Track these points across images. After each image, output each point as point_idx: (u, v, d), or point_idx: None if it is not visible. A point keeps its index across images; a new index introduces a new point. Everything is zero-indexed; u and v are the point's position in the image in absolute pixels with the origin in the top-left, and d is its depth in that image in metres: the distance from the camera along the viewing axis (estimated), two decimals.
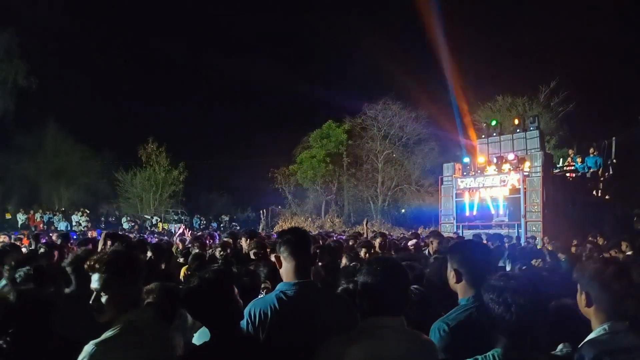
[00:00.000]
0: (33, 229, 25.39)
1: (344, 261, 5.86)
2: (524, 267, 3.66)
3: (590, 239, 12.35)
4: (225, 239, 7.98)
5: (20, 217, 30.73)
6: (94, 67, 43.70)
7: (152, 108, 44.62)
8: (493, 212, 20.65)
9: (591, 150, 22.66)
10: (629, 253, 7.28)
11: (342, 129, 38.69)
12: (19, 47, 36.34)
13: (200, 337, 2.73)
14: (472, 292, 2.70)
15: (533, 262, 6.27)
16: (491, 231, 17.23)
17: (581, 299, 2.43)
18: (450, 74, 34.03)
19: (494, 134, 23.15)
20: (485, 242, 11.56)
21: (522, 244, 13.29)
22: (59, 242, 7.50)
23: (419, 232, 15.42)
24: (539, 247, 12.43)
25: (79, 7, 43.88)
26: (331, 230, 25.12)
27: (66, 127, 38.72)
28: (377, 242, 7.10)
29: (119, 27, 50.17)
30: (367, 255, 6.17)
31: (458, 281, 2.80)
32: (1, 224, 29.61)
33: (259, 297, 3.12)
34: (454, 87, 33.70)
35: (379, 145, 37.79)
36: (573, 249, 10.49)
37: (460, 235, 17.98)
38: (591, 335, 2.36)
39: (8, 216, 31.10)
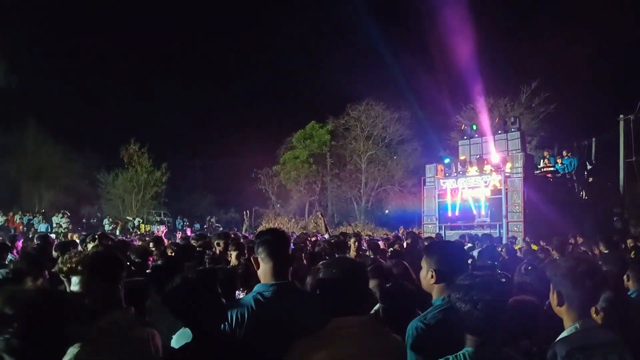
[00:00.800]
0: (12, 231, 24.99)
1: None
2: (529, 268, 3.62)
3: (570, 239, 12.49)
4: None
5: None
6: (75, 66, 43.21)
7: (134, 108, 44.22)
8: (475, 212, 20.79)
9: (564, 152, 22.95)
10: (605, 252, 7.36)
11: (326, 130, 38.74)
12: None
13: (180, 338, 2.71)
14: (448, 292, 2.72)
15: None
16: (473, 232, 17.42)
17: (553, 298, 2.46)
18: (433, 74, 34.28)
19: (476, 135, 23.33)
20: (467, 243, 11.69)
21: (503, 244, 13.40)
22: (36, 244, 7.42)
23: (400, 232, 15.53)
24: (518, 246, 12.54)
25: (59, 5, 43.31)
26: (315, 231, 25.08)
27: (47, 127, 38.16)
28: (351, 242, 7.14)
29: (102, 26, 49.75)
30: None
31: (438, 281, 2.81)
32: None
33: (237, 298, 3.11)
34: (437, 88, 33.94)
35: (362, 145, 37.90)
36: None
37: (442, 236, 18.09)
38: (563, 334, 2.40)
39: None
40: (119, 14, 51.98)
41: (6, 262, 5.60)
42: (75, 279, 2.32)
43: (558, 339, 2.38)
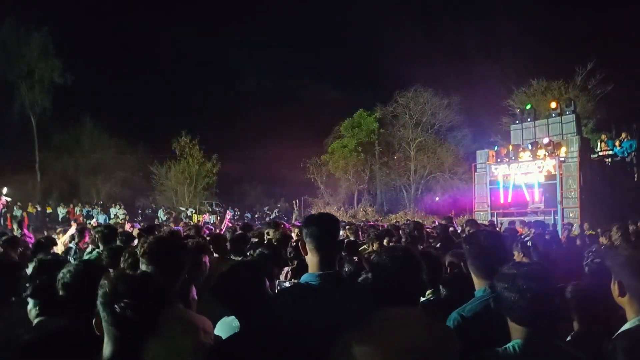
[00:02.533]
0: (73, 222, 26.08)
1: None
2: (597, 260, 3.46)
3: (630, 225, 11.99)
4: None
5: (61, 211, 31.64)
6: (127, 63, 44.41)
7: (185, 101, 45.16)
8: (528, 198, 20.27)
9: (623, 134, 21.95)
10: None
11: (373, 118, 38.48)
12: (54, 45, 37.27)
13: (223, 327, 2.74)
14: (487, 283, 2.66)
15: None
16: (526, 218, 17.00)
17: (614, 288, 2.33)
18: (483, 58, 33.45)
19: (529, 119, 22.67)
20: (520, 229, 11.40)
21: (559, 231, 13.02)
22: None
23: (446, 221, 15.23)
24: (575, 233, 12.17)
25: (112, 4, 44.64)
26: (364, 219, 25.05)
27: (102, 122, 39.57)
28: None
29: (153, 22, 50.85)
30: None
31: (475, 272, 2.76)
32: (43, 217, 30.57)
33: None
34: (487, 72, 33.10)
35: (411, 133, 37.43)
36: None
37: (495, 223, 17.73)
38: (625, 326, 2.26)
39: (49, 210, 32.03)
40: (167, 9, 53.04)
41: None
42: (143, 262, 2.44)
43: (620, 331, 2.25)
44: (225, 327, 2.68)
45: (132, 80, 41.62)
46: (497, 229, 13.91)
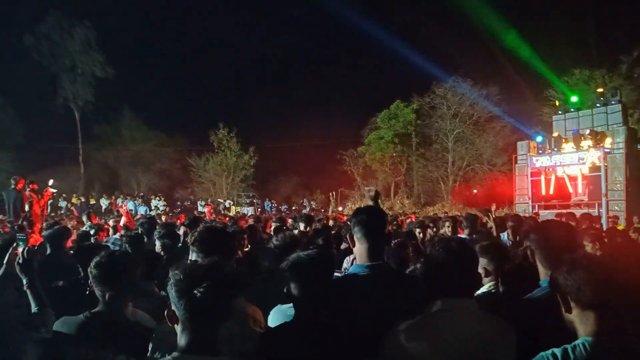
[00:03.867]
0: (115, 213, 26.74)
1: None
2: None
3: None
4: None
5: (104, 202, 32.47)
6: (165, 56, 45.17)
7: (222, 94, 45.66)
8: (571, 191, 19.78)
9: None
10: None
11: (411, 109, 38.10)
12: (96, 39, 38.17)
13: (277, 315, 2.76)
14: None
15: None
16: (568, 211, 16.57)
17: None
18: (524, 47, 32.64)
19: (572, 110, 22.07)
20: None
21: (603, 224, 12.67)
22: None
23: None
24: (620, 227, 11.81)
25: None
26: (401, 212, 24.91)
27: (142, 114, 40.38)
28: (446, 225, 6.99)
29: (192, 16, 51.54)
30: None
31: (540, 261, 2.69)
32: (87, 209, 31.42)
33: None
34: (528, 61, 32.30)
35: (448, 124, 36.91)
36: None
37: (537, 215, 17.36)
38: None
39: (92, 201, 32.91)
40: (207, 3, 53.58)
41: None
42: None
43: None
44: (280, 315, 2.70)
45: (171, 73, 42.41)
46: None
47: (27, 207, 12.73)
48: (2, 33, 34.64)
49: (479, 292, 3.17)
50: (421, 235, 6.88)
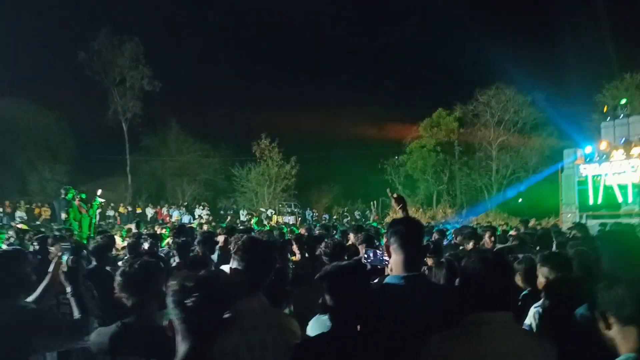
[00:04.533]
0: (160, 222, 27.41)
1: None
2: None
3: None
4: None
5: (150, 211, 33.31)
6: (210, 70, 46.12)
7: (264, 105, 46.25)
8: (620, 200, 19.14)
9: None
10: None
11: (453, 117, 37.72)
12: (144, 54, 39.45)
13: (316, 325, 2.79)
14: None
15: None
16: (619, 221, 16.02)
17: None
18: (569, 51, 31.88)
19: (621, 116, 21.37)
20: None
21: None
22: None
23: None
24: None
25: (196, 14, 46.57)
26: (443, 220, 24.62)
27: (187, 127, 41.33)
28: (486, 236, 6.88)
29: (232, 29, 52.53)
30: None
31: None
32: (134, 218, 32.32)
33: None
34: (575, 65, 31.51)
35: (492, 132, 36.36)
36: None
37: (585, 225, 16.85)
38: None
39: (139, 210, 33.79)
40: (248, 15, 54.55)
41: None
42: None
43: None
44: (318, 325, 2.73)
45: (216, 85, 43.26)
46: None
47: (63, 215, 13.21)
48: (57, 51, 36.32)
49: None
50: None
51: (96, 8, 40.30)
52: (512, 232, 10.45)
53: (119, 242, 9.05)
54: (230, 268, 2.56)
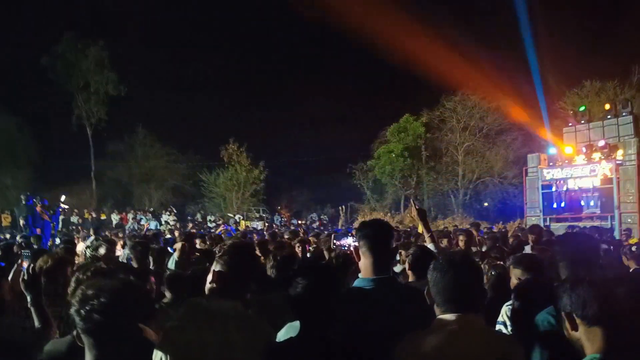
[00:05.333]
0: (126, 228, 26.95)
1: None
2: None
3: None
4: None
5: (115, 218, 32.70)
6: (176, 74, 45.58)
7: (231, 110, 45.98)
8: (583, 203, 19.65)
9: None
10: None
11: (420, 122, 38.05)
12: (109, 58, 38.81)
13: (290, 331, 2.77)
14: None
15: None
16: (581, 224, 16.46)
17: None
18: (533, 59, 32.61)
19: (582, 122, 21.98)
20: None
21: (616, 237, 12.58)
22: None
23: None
24: (633, 240, 11.69)
25: (162, 18, 46.03)
26: (411, 225, 24.78)
27: (153, 132, 40.77)
28: (460, 239, 6.99)
29: (199, 33, 52.13)
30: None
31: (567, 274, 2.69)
32: (98, 224, 31.67)
33: None
34: (538, 72, 32.24)
35: (458, 137, 36.86)
36: None
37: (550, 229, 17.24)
38: None
39: (103, 217, 33.16)
40: (218, 18, 54.20)
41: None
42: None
43: None
44: (291, 330, 2.71)
45: (183, 90, 42.84)
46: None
47: (22, 222, 12.87)
48: (19, 54, 35.42)
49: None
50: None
51: (60, 11, 39.41)
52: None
53: (80, 248, 8.85)
54: (213, 270, 2.57)
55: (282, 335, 2.77)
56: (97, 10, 41.19)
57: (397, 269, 3.89)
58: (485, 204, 36.82)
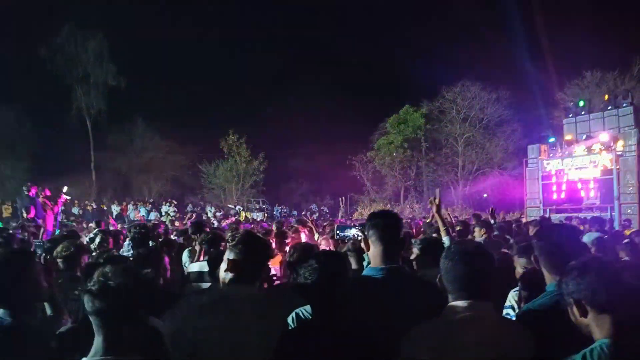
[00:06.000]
0: (126, 219, 26.99)
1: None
2: None
3: None
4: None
5: (115, 209, 32.70)
6: (176, 65, 45.39)
7: (232, 100, 45.84)
8: (583, 194, 19.70)
9: None
10: None
11: (420, 114, 38.08)
12: (109, 49, 38.70)
13: (301, 314, 2.83)
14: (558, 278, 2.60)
15: None
16: (581, 215, 16.50)
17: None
18: (533, 49, 32.58)
19: (583, 113, 21.99)
20: (580, 226, 11.05)
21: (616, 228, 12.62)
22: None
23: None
24: (627, 232, 11.71)
25: (161, 6, 45.79)
26: (411, 216, 24.86)
27: (153, 123, 40.64)
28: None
29: (201, 24, 51.87)
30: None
31: (545, 266, 2.70)
32: (99, 215, 31.68)
33: None
34: (538, 64, 32.21)
35: (458, 128, 36.89)
36: None
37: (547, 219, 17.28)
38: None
39: (103, 207, 33.15)
40: (218, 13, 53.97)
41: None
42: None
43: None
44: (300, 316, 2.77)
45: (183, 81, 42.64)
46: None
47: (25, 214, 12.88)
48: (18, 45, 35.24)
49: None
50: None
51: (59, 2, 39.17)
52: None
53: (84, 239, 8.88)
54: (227, 259, 2.61)
55: (291, 320, 2.81)
56: (97, 1, 40.95)
57: (447, 239, 4.01)
58: (485, 195, 36.85)
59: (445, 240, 4.20)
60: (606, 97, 21.72)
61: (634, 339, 1.91)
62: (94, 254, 5.67)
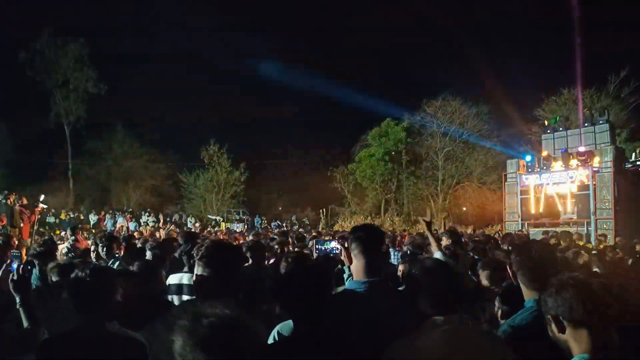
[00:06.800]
0: (104, 229, 26.56)
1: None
2: None
3: None
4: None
5: (92, 218, 32.18)
6: (157, 74, 45.16)
7: (214, 110, 45.69)
8: (560, 209, 19.98)
9: None
10: None
11: (401, 127, 38.35)
12: (89, 56, 38.34)
13: (285, 329, 2.78)
14: (538, 294, 2.63)
15: None
16: (558, 229, 16.73)
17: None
18: (513, 67, 33.13)
19: (560, 129, 22.35)
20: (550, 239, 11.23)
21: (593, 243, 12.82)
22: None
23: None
24: (607, 244, 11.92)
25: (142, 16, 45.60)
26: (391, 229, 24.95)
27: (133, 131, 40.32)
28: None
29: (183, 32, 51.84)
30: None
31: (524, 283, 2.73)
32: (76, 224, 31.15)
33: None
34: (517, 80, 32.77)
35: (438, 142, 37.17)
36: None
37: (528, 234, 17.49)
38: None
39: (80, 217, 32.62)
40: (199, 22, 53.91)
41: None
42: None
43: None
44: (287, 329, 2.72)
45: (164, 90, 42.42)
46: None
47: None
48: None
49: None
50: None
51: (39, 7, 38.83)
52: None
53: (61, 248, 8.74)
54: (196, 275, 2.53)
55: (273, 334, 2.78)
56: (78, 7, 40.71)
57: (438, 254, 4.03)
58: (464, 209, 37.14)
59: (438, 255, 4.23)
60: (582, 112, 22.10)
61: (611, 355, 1.94)
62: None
